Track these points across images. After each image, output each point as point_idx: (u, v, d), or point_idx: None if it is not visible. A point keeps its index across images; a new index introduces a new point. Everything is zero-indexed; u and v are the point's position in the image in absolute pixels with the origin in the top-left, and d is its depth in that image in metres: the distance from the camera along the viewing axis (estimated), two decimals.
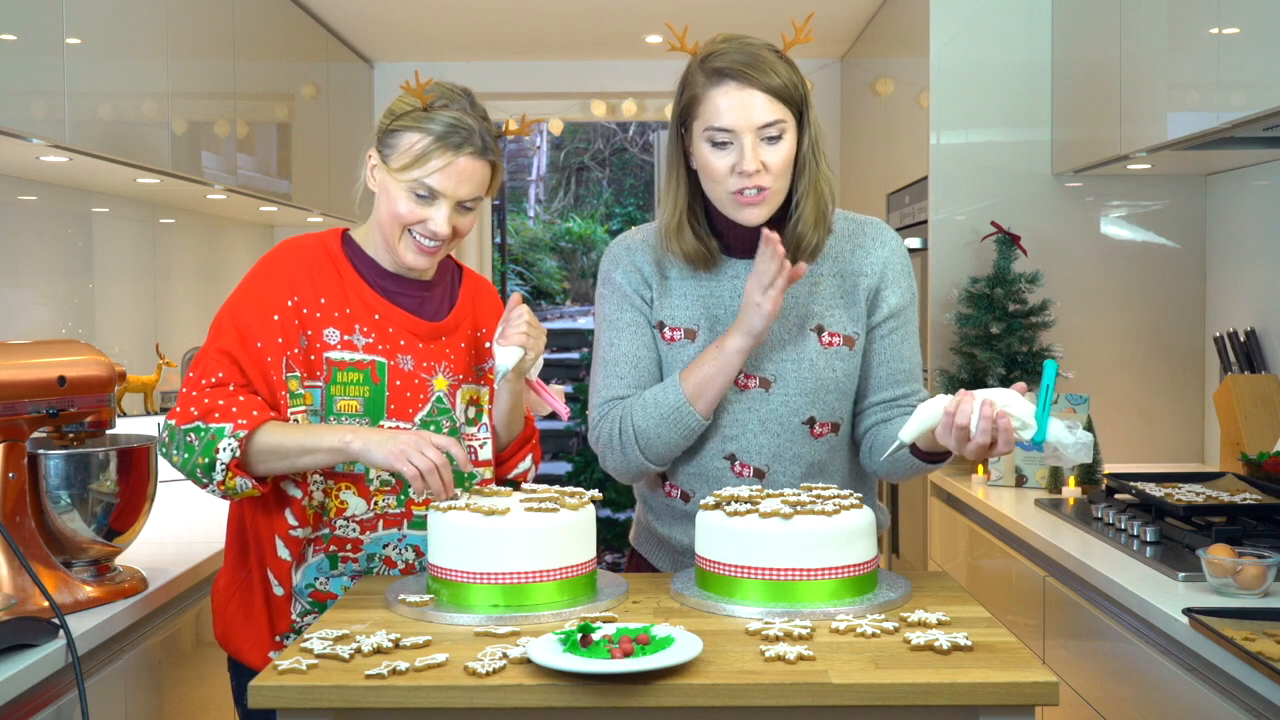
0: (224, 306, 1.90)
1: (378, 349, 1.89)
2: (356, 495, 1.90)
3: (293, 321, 1.86)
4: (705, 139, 1.82)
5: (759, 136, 1.80)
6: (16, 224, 3.00)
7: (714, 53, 1.83)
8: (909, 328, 1.97)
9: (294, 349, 1.85)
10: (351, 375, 1.88)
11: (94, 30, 2.65)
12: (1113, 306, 3.54)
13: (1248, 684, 1.66)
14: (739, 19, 4.30)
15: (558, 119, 5.40)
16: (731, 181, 1.82)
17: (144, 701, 2.08)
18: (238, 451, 1.77)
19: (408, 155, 1.84)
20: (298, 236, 1.96)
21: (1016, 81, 3.53)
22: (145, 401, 3.35)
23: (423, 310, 1.96)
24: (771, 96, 1.80)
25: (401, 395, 1.90)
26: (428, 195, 1.85)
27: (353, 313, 1.90)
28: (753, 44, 1.84)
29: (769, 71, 1.80)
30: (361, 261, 1.94)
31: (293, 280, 1.88)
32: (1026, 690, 1.40)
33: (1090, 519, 2.59)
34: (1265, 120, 2.37)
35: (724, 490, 1.80)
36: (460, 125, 1.84)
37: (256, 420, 1.79)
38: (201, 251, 4.25)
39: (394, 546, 1.92)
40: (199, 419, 1.79)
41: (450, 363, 1.95)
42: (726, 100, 1.80)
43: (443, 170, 1.83)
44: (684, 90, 1.86)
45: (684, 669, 1.43)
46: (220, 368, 1.84)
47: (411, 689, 1.42)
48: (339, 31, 4.64)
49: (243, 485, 1.80)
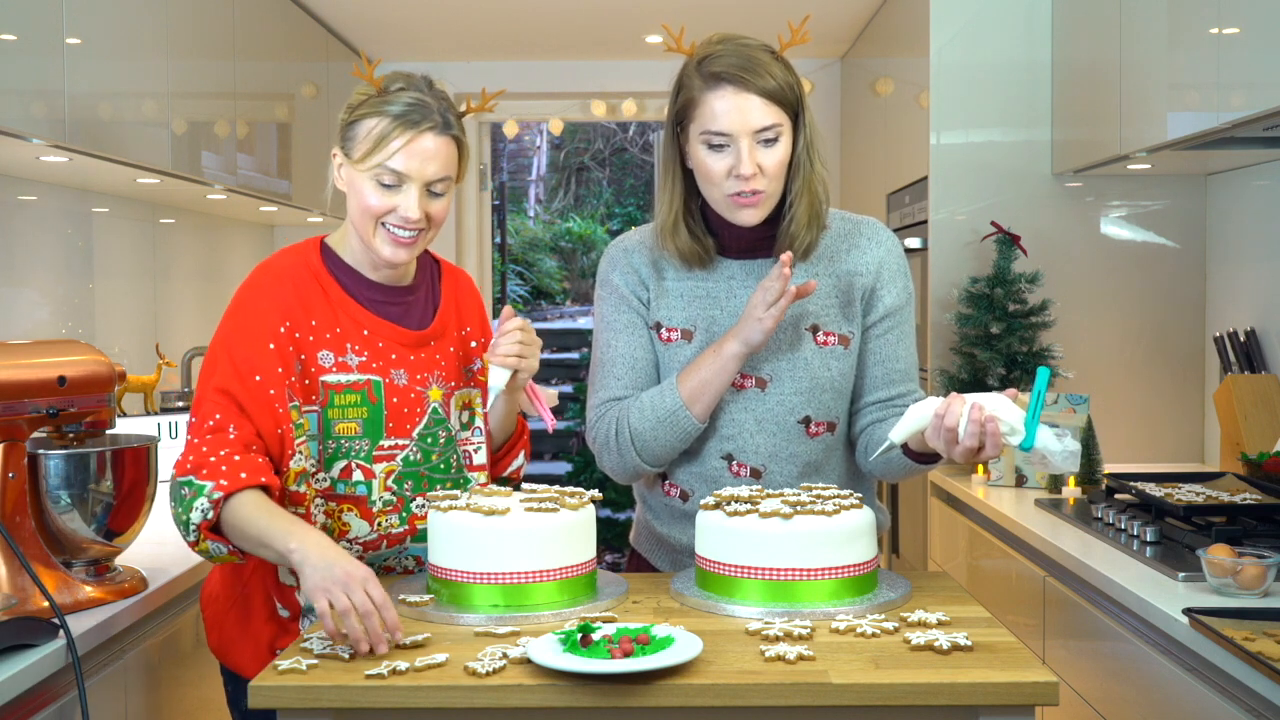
0: (215, 341, 1.84)
1: (371, 367, 1.85)
2: (359, 517, 1.86)
3: (288, 348, 1.80)
4: (702, 141, 1.83)
5: (755, 139, 1.81)
6: (16, 224, 3.00)
7: (710, 55, 1.83)
8: (904, 327, 1.97)
9: (292, 376, 1.80)
10: (349, 398, 1.84)
11: (94, 30, 2.65)
12: (1113, 306, 3.54)
13: (1248, 684, 1.66)
14: (738, 19, 4.30)
15: (558, 119, 5.40)
16: (728, 184, 1.83)
17: (144, 701, 2.08)
18: (209, 514, 1.69)
19: (368, 141, 1.79)
20: (275, 257, 1.91)
21: (1016, 81, 3.53)
22: (145, 401, 3.35)
23: (408, 318, 1.92)
24: (767, 100, 1.80)
25: (399, 411, 1.87)
26: (394, 182, 1.79)
27: (343, 331, 1.85)
28: (748, 45, 1.84)
29: (765, 74, 1.80)
30: (343, 273, 1.89)
31: (283, 305, 1.82)
32: (1026, 690, 1.40)
33: (1090, 519, 2.59)
34: (1265, 120, 2.37)
35: (724, 490, 1.80)
36: (417, 103, 1.79)
37: (239, 484, 1.69)
38: (201, 251, 4.25)
39: (394, 558, 1.92)
40: (191, 472, 1.72)
41: (441, 370, 1.93)
42: (723, 104, 1.80)
43: (405, 150, 1.78)
44: (680, 92, 1.87)
45: (684, 669, 1.43)
46: (217, 409, 1.77)
47: (411, 689, 1.42)
48: (339, 31, 4.64)
49: (216, 550, 1.72)
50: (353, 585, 1.54)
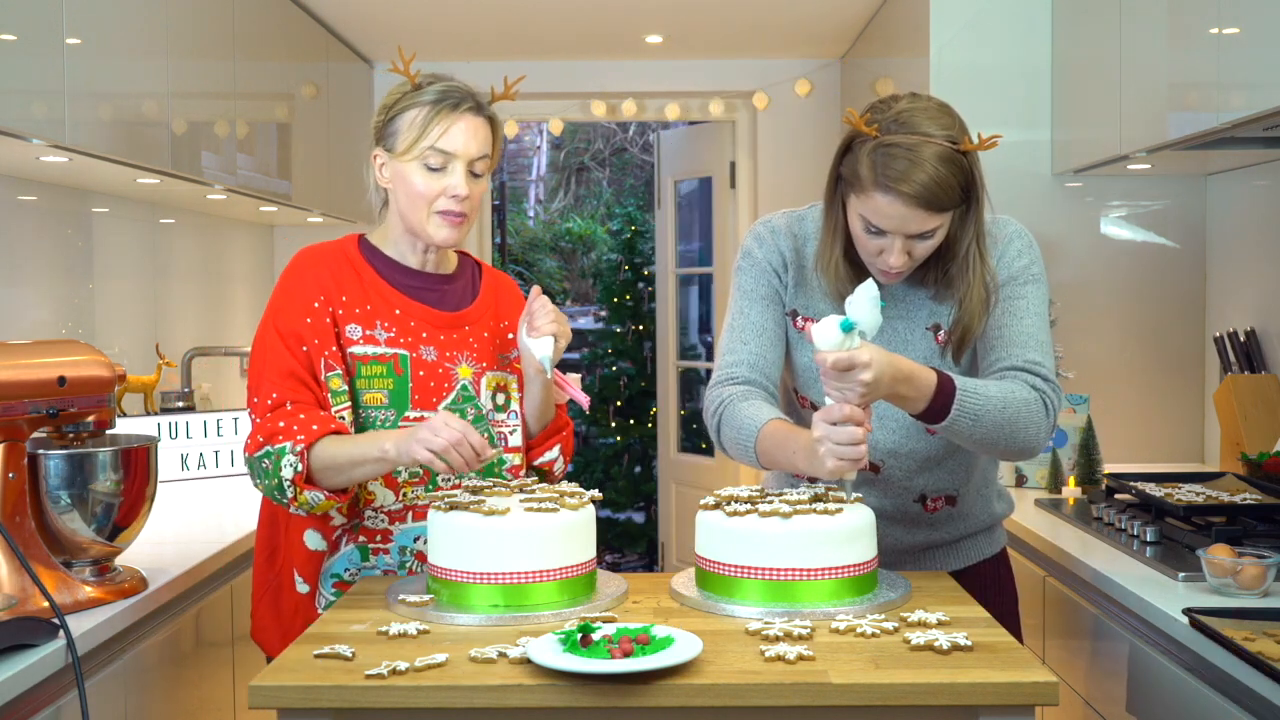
0: (262, 322, 1.95)
1: (399, 342, 1.95)
2: (384, 487, 1.94)
3: (324, 320, 1.92)
4: (860, 219, 1.84)
5: (909, 237, 1.81)
6: (16, 224, 3.00)
7: (889, 148, 1.76)
8: (1016, 301, 1.91)
9: (330, 347, 1.91)
10: (375, 369, 1.93)
11: (94, 30, 2.64)
12: (1113, 306, 3.54)
13: (1248, 684, 1.66)
14: (738, 19, 4.30)
15: (558, 119, 5.40)
16: (878, 261, 1.85)
17: (144, 701, 2.08)
18: (299, 466, 1.82)
19: (412, 130, 1.91)
20: (314, 245, 2.02)
21: (1016, 81, 3.53)
22: (145, 401, 3.35)
23: (444, 303, 2.01)
24: (931, 211, 1.78)
25: (425, 385, 1.94)
26: (440, 164, 1.91)
27: (373, 309, 1.95)
28: (926, 143, 1.76)
29: (933, 186, 1.75)
30: (380, 261, 2.00)
31: (318, 281, 1.94)
32: (1026, 690, 1.40)
33: (1090, 519, 2.59)
34: (1265, 120, 2.37)
35: (724, 490, 1.81)
36: (452, 88, 1.94)
37: (315, 434, 1.83)
38: (201, 251, 4.25)
39: (424, 540, 1.94)
40: (265, 444, 1.84)
41: (473, 352, 2.00)
42: (888, 207, 1.78)
43: (448, 130, 1.91)
44: (846, 155, 1.85)
45: (684, 669, 1.43)
46: (273, 387, 1.88)
47: (411, 689, 1.42)
48: (339, 31, 4.64)
49: (314, 498, 1.84)
50: (436, 428, 1.76)
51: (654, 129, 6.90)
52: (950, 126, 1.79)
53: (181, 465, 3.19)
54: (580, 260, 12.29)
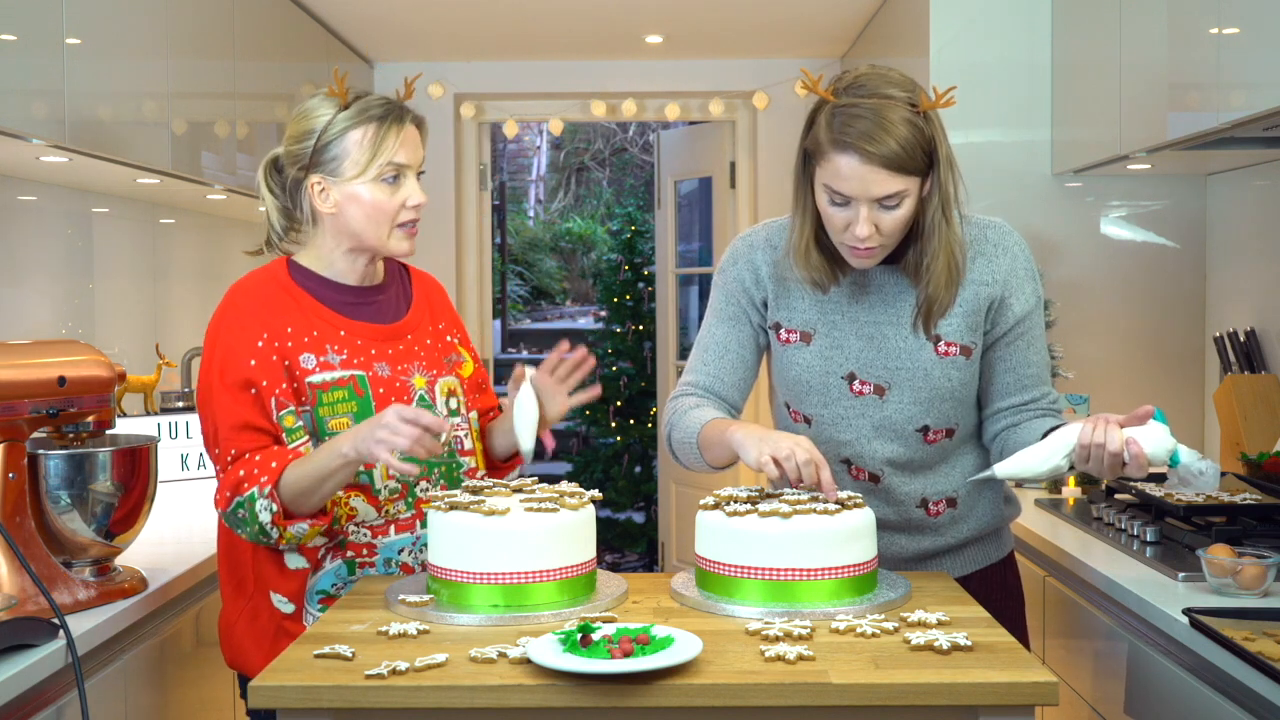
0: (203, 371, 1.90)
1: (353, 363, 1.92)
2: (365, 503, 1.91)
3: (270, 358, 1.88)
4: (824, 191, 1.82)
5: (875, 204, 1.79)
6: (16, 224, 3.00)
7: (844, 110, 1.77)
8: (1034, 332, 1.96)
9: (280, 385, 1.87)
10: (336, 394, 1.91)
11: (94, 30, 2.64)
12: (1113, 306, 3.54)
13: (1248, 684, 1.66)
14: (738, 19, 4.29)
15: (558, 119, 5.40)
16: (846, 236, 1.83)
17: (144, 701, 2.08)
18: (274, 507, 1.80)
19: (363, 150, 1.90)
20: (242, 280, 1.98)
21: (1016, 81, 3.53)
22: (145, 402, 3.35)
23: (382, 315, 2.00)
24: (892, 171, 1.76)
25: (386, 401, 1.92)
26: (394, 176, 1.91)
27: (320, 335, 1.92)
28: (885, 103, 1.76)
29: (893, 142, 1.75)
30: (313, 282, 1.96)
31: (258, 318, 1.90)
32: (1026, 690, 1.40)
33: (1090, 519, 2.59)
34: (1265, 120, 2.37)
35: (724, 490, 1.81)
36: (389, 103, 1.94)
37: (276, 471, 1.81)
38: (201, 251, 4.25)
39: (409, 551, 1.94)
40: (234, 497, 1.82)
41: (421, 360, 2.00)
42: (848, 168, 1.77)
43: (402, 142, 1.91)
44: (810, 130, 1.84)
45: (684, 669, 1.43)
46: (230, 443, 1.85)
47: (411, 689, 1.42)
48: (339, 31, 4.64)
49: (299, 531, 1.83)
50: (395, 427, 1.73)
51: (654, 129, 6.90)
52: (910, 89, 1.80)
53: (181, 465, 3.19)
54: (580, 260, 12.30)
